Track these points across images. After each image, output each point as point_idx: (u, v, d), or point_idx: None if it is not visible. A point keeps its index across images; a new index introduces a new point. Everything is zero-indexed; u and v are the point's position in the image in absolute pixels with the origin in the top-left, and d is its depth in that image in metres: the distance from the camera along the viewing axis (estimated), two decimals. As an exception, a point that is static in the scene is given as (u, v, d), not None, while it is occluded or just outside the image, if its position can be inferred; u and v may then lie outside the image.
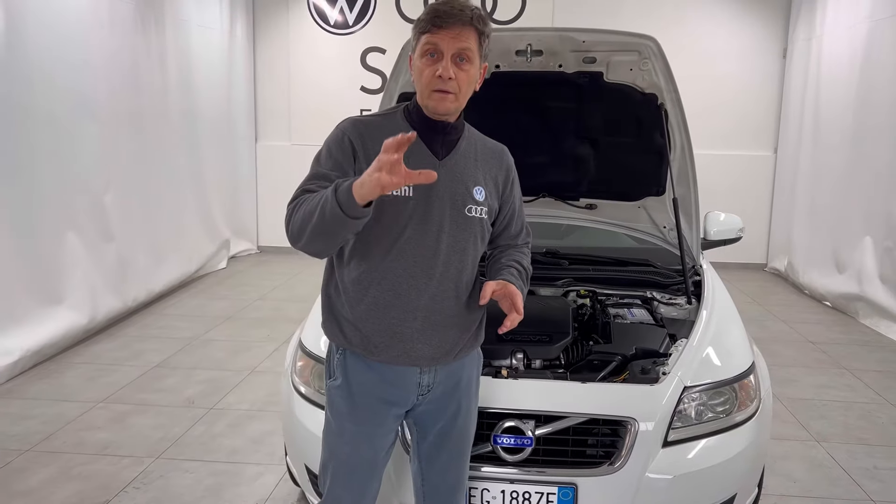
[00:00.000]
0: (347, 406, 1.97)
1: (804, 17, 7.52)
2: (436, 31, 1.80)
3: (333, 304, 1.98)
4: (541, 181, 3.47)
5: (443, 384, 2.01)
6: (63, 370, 4.70)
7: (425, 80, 1.83)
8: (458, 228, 1.91)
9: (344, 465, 2.01)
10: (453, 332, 1.97)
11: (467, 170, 1.95)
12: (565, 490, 2.25)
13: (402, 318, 1.90)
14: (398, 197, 1.83)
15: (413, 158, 1.80)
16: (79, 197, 5.21)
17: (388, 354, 1.92)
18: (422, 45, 1.83)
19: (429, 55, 1.82)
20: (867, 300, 6.07)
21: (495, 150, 2.08)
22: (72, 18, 5.11)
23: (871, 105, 6.13)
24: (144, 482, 3.31)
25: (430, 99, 1.84)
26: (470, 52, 1.82)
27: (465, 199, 1.92)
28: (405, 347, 1.91)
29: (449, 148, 1.94)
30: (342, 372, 1.97)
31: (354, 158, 1.86)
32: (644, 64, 2.98)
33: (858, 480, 3.40)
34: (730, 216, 3.68)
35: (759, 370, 2.64)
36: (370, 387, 1.96)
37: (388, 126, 1.88)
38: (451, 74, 1.80)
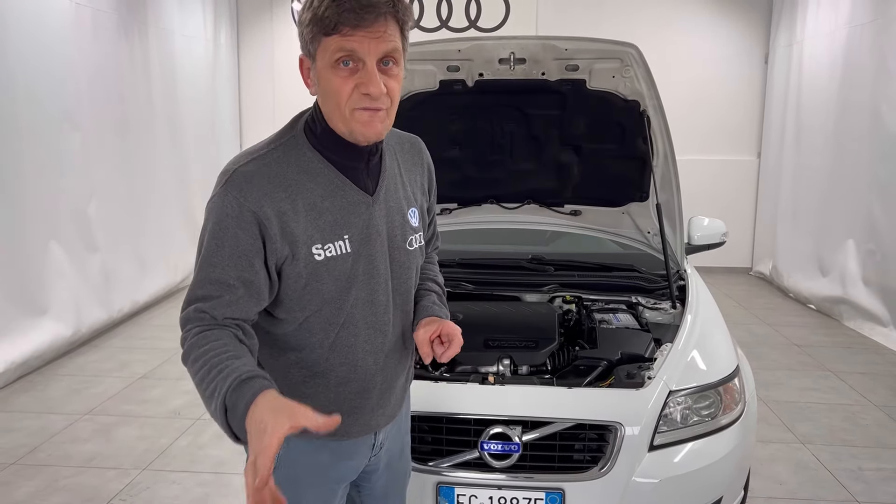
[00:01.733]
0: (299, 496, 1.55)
1: (785, 23, 7.60)
2: (349, 33, 1.31)
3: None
4: (525, 188, 3.49)
5: (389, 435, 1.76)
6: (48, 382, 4.67)
7: (343, 97, 1.36)
8: (402, 268, 1.59)
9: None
10: (402, 383, 1.72)
11: (399, 194, 1.58)
12: (553, 495, 2.26)
13: (361, 391, 1.58)
14: (335, 257, 1.45)
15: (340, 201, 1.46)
16: (62, 207, 5.18)
17: (348, 433, 1.60)
18: (330, 51, 1.34)
19: (342, 64, 1.35)
20: (851, 303, 6.12)
21: (413, 146, 1.71)
22: (55, 28, 5.09)
23: (851, 109, 6.20)
24: (131, 494, 3.29)
25: (354, 121, 1.38)
26: (397, 53, 1.38)
27: (405, 230, 1.58)
28: (365, 420, 1.62)
29: (376, 174, 1.53)
30: (286, 461, 1.52)
31: (263, 238, 1.39)
32: (626, 71, 3.01)
33: (843, 482, 3.43)
34: (713, 221, 3.71)
35: (744, 373, 2.66)
36: (321, 469, 1.62)
37: (294, 167, 1.44)
38: (382, 89, 1.35)
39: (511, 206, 3.57)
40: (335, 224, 1.46)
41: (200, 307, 1.39)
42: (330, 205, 1.45)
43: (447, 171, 3.42)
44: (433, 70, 3.10)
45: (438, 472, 2.30)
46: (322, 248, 1.44)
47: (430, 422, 2.35)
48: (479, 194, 3.54)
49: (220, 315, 1.39)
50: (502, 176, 3.46)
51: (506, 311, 3.00)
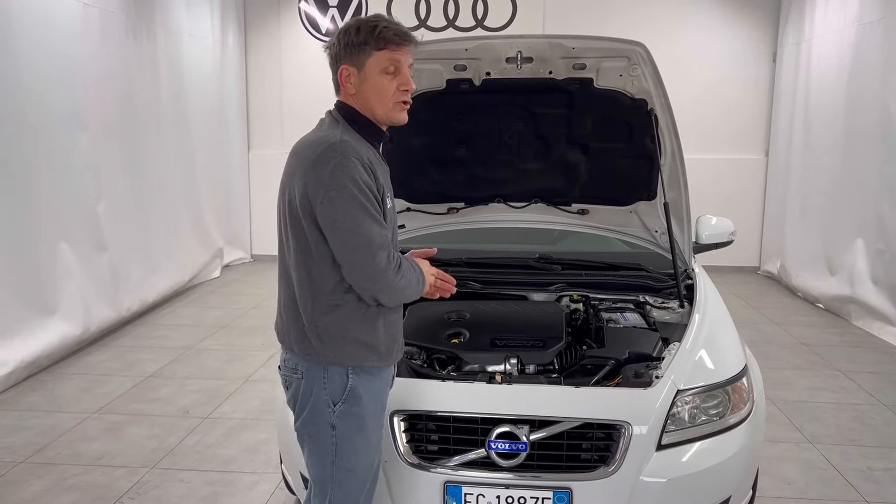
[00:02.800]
0: (365, 421, 2.03)
1: (793, 21, 7.57)
2: (397, 50, 1.94)
3: (332, 332, 1.96)
4: (532, 187, 3.49)
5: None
6: (57, 381, 4.69)
7: (389, 93, 1.96)
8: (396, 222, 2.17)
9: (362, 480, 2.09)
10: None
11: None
12: (560, 494, 2.25)
13: (396, 319, 2.09)
14: (391, 207, 2.02)
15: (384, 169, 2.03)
16: (71, 207, 5.21)
17: (390, 357, 2.08)
18: (382, 61, 1.93)
19: (387, 72, 1.94)
20: (859, 302, 6.10)
21: None
22: (63, 29, 5.11)
23: (860, 107, 6.17)
24: (139, 492, 3.30)
25: (396, 110, 1.99)
26: (412, 67, 2.01)
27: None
28: (398, 346, 2.11)
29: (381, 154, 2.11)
30: (357, 391, 2.00)
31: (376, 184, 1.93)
32: (633, 70, 3.00)
33: (853, 482, 3.42)
34: (721, 220, 3.70)
35: (752, 373, 2.66)
36: (379, 395, 2.09)
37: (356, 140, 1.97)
38: (413, 86, 2.00)
39: (518, 205, 3.56)
40: (386, 183, 2.02)
41: (385, 236, 1.89)
42: (381, 170, 1.99)
43: (454, 171, 3.44)
44: (440, 69, 3.10)
45: (446, 472, 2.30)
46: (388, 198, 2.00)
47: (438, 421, 2.36)
48: (486, 193, 3.54)
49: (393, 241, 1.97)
50: (509, 175, 3.45)
51: (513, 310, 3.00)
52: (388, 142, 3.23)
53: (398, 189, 3.29)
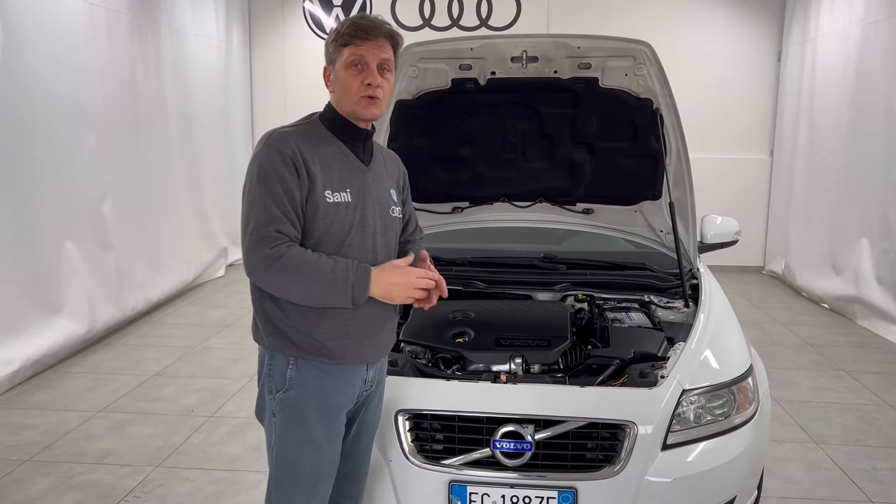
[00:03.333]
0: (305, 415, 1.98)
1: (798, 21, 7.55)
2: (360, 44, 1.92)
3: (273, 317, 1.97)
4: (537, 186, 3.49)
5: (377, 379, 2.16)
6: (62, 380, 4.70)
7: (354, 89, 1.93)
8: (386, 229, 2.07)
9: (309, 476, 2.01)
10: (390, 327, 2.15)
11: (383, 174, 2.12)
12: (565, 494, 2.25)
13: (353, 318, 1.98)
14: (340, 203, 1.94)
15: (345, 164, 1.99)
16: (77, 206, 5.22)
17: (344, 357, 1.99)
18: (346, 56, 1.93)
19: (354, 66, 1.93)
20: (864, 302, 6.08)
21: (393, 157, 2.25)
22: (68, 28, 5.12)
23: (865, 107, 6.15)
24: (144, 491, 3.31)
25: (359, 105, 1.95)
26: (390, 63, 1.97)
27: (388, 201, 2.09)
28: (357, 347, 2.01)
29: (370, 154, 2.07)
30: (297, 382, 1.98)
31: (299, 178, 1.89)
32: (639, 69, 3.00)
33: (858, 482, 3.41)
34: (726, 219, 3.69)
35: (758, 372, 2.65)
36: (325, 392, 2.00)
37: (315, 135, 1.98)
38: (379, 82, 1.93)
39: (523, 204, 3.56)
40: (341, 180, 1.96)
41: (278, 228, 1.85)
42: (338, 166, 1.97)
43: (459, 170, 3.44)
44: (445, 69, 3.10)
45: (451, 471, 2.30)
46: (332, 194, 1.93)
47: (443, 420, 2.35)
48: (491, 193, 3.54)
49: (292, 235, 1.87)
50: (514, 174, 3.45)
51: (518, 309, 3.00)
52: (393, 141, 3.26)
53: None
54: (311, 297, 1.89)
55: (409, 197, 2.28)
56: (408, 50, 2.98)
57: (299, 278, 1.84)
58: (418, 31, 8.15)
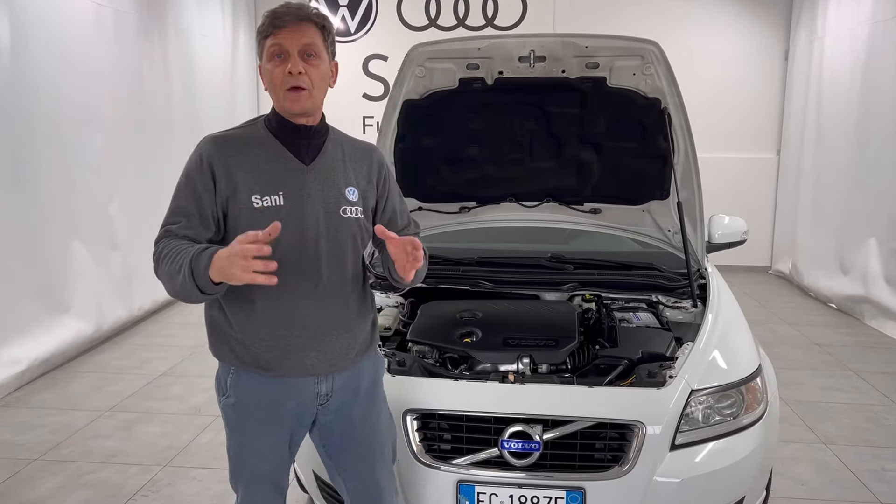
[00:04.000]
0: (245, 423, 1.97)
1: (806, 19, 7.53)
2: (277, 32, 1.81)
3: (218, 325, 1.97)
4: (545, 186, 3.48)
5: (343, 391, 2.01)
6: (70, 379, 4.72)
7: (278, 81, 1.83)
8: (335, 230, 1.92)
9: (254, 475, 2.02)
10: (345, 337, 1.97)
11: (336, 171, 1.95)
12: (573, 494, 2.25)
13: (291, 329, 1.89)
14: (269, 207, 1.84)
15: (278, 165, 1.88)
16: (84, 206, 5.23)
17: (280, 369, 1.91)
18: (267, 48, 1.83)
19: (276, 57, 1.82)
20: (873, 302, 6.06)
21: (364, 149, 2.07)
22: (75, 29, 5.14)
23: (873, 106, 6.13)
24: (152, 490, 3.32)
25: (286, 99, 1.84)
26: (315, 48, 1.84)
27: (339, 200, 1.93)
28: (297, 358, 1.91)
29: (315, 152, 1.93)
30: (235, 391, 1.96)
31: (214, 182, 1.85)
32: (647, 68, 2.99)
33: (867, 482, 3.40)
34: (734, 219, 3.69)
35: (766, 373, 2.64)
36: (266, 402, 1.95)
37: (249, 137, 1.91)
38: (300, 69, 1.80)
39: (530, 204, 3.56)
40: (273, 182, 1.86)
41: (168, 228, 1.86)
42: (270, 167, 1.88)
43: (466, 170, 3.43)
44: (453, 68, 3.10)
45: (459, 471, 2.30)
46: (260, 199, 1.84)
47: (450, 420, 2.36)
48: (498, 192, 3.53)
49: (180, 233, 1.84)
50: (522, 174, 3.45)
51: (525, 309, 3.00)
52: (401, 141, 3.26)
53: (410, 188, 3.33)
54: (176, 292, 1.77)
55: (390, 191, 2.10)
56: (415, 50, 2.98)
57: (165, 273, 1.78)
58: (424, 30, 8.15)
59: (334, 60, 1.95)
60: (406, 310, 3.15)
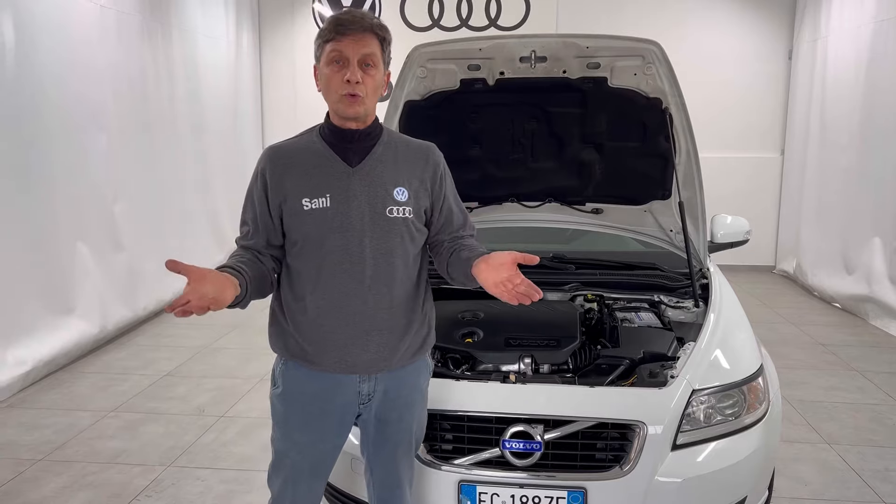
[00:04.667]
0: (290, 415, 2.05)
1: (809, 19, 7.51)
2: (340, 39, 1.86)
3: (276, 317, 2.07)
4: (546, 186, 3.48)
5: (385, 394, 2.05)
6: (74, 380, 4.74)
7: (335, 86, 1.89)
8: (382, 231, 1.96)
9: (291, 470, 2.08)
10: (391, 337, 2.01)
11: (385, 173, 1.99)
12: (575, 494, 2.25)
13: (336, 325, 1.96)
14: (317, 209, 1.93)
15: (326, 169, 1.97)
16: (89, 207, 5.25)
17: (324, 363, 1.98)
18: (327, 53, 1.89)
19: (335, 62, 1.88)
20: (877, 301, 6.04)
21: (420, 149, 2.10)
22: (80, 31, 5.16)
23: (877, 105, 6.11)
24: (156, 490, 3.33)
25: (341, 103, 1.91)
26: (374, 58, 1.90)
27: (385, 200, 1.97)
28: (340, 355, 1.97)
29: (363, 154, 1.99)
30: (283, 381, 2.05)
31: (266, 189, 1.98)
32: (648, 68, 2.99)
33: (870, 482, 3.39)
34: (736, 219, 3.68)
35: (768, 372, 2.64)
36: (311, 396, 2.02)
37: (302, 145, 2.02)
38: (358, 78, 1.87)
39: (532, 204, 3.56)
40: (320, 185, 1.95)
41: (238, 237, 2.04)
42: (317, 172, 1.97)
43: (468, 170, 3.43)
44: (454, 69, 3.10)
45: (460, 471, 2.31)
46: (309, 202, 1.94)
47: (452, 420, 2.36)
48: (500, 193, 3.53)
49: (242, 243, 2.02)
50: (523, 174, 3.45)
51: (527, 309, 2.97)
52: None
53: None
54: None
55: (446, 193, 2.12)
56: (417, 51, 2.98)
57: None
58: (427, 31, 8.16)
59: (388, 70, 2.01)
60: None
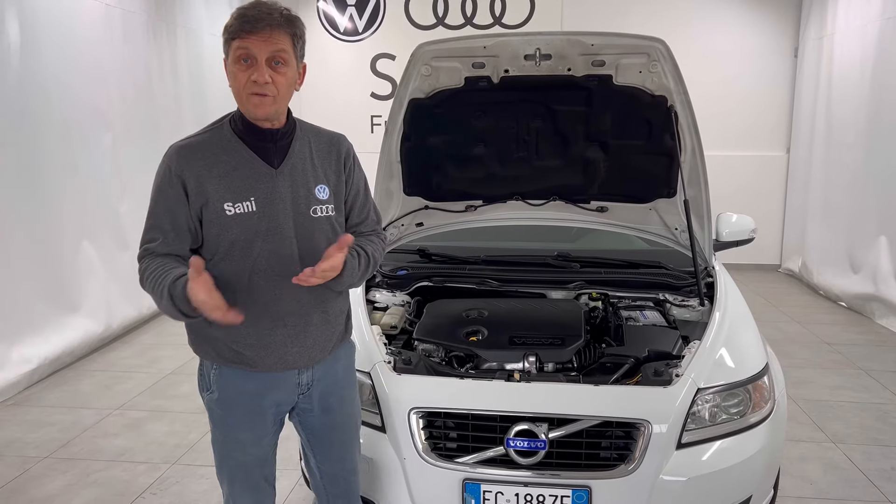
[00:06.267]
0: (230, 417, 2.03)
1: (815, 16, 7.49)
2: (246, 37, 1.78)
3: (197, 325, 1.97)
4: (551, 184, 3.47)
5: (322, 380, 2.08)
6: (80, 378, 4.75)
7: (241, 85, 1.82)
8: (308, 231, 1.94)
9: (239, 469, 2.08)
10: (324, 331, 2.03)
11: (306, 171, 1.96)
12: (579, 493, 2.25)
13: (272, 327, 1.94)
14: (241, 214, 1.86)
15: (248, 171, 1.88)
16: (94, 206, 5.27)
17: (264, 365, 1.97)
18: (234, 50, 1.81)
19: (242, 61, 1.80)
20: (883, 300, 6.02)
21: (331, 141, 2.06)
22: (85, 30, 5.17)
23: (884, 103, 6.08)
24: (161, 488, 3.34)
25: (249, 103, 1.83)
26: (284, 55, 1.82)
27: (309, 200, 1.94)
28: (279, 354, 1.97)
29: (283, 153, 1.94)
30: (219, 386, 2.01)
31: (186, 194, 1.86)
32: (653, 66, 2.98)
33: (876, 482, 3.38)
34: (742, 217, 3.67)
35: (773, 371, 2.63)
36: (249, 396, 2.01)
37: (216, 143, 1.90)
38: (266, 79, 1.79)
39: (537, 202, 3.55)
40: (243, 188, 1.87)
41: (147, 247, 1.89)
42: (239, 174, 1.87)
43: (472, 168, 3.43)
44: (458, 67, 3.09)
45: (465, 469, 2.30)
46: (232, 206, 1.86)
47: (456, 418, 2.36)
48: (504, 191, 3.53)
49: (160, 251, 1.88)
50: (528, 172, 3.44)
51: (531, 308, 2.99)
52: (407, 140, 3.26)
53: (416, 187, 3.34)
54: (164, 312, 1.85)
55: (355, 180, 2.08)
56: (421, 49, 2.98)
57: (150, 292, 1.84)
58: (432, 29, 8.15)
59: (303, 63, 1.93)
60: (412, 308, 3.15)
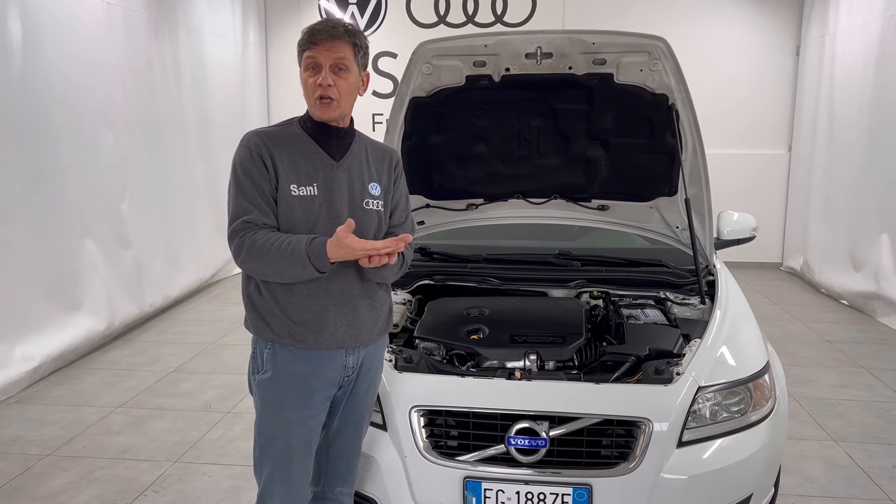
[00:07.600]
0: (281, 396, 2.13)
1: (817, 14, 7.47)
2: (313, 47, 2.06)
3: (256, 303, 2.13)
4: (552, 183, 3.48)
5: (363, 365, 2.22)
6: (82, 376, 4.76)
7: (310, 90, 2.08)
8: (360, 220, 2.10)
9: (283, 452, 2.16)
10: (370, 316, 2.19)
11: (362, 169, 2.19)
12: (580, 491, 2.25)
13: (326, 305, 2.09)
14: (306, 196, 2.08)
15: (313, 161, 2.12)
16: (96, 204, 5.27)
17: (315, 341, 2.10)
18: (304, 60, 2.09)
19: (311, 69, 2.08)
20: (884, 298, 6.02)
21: (385, 150, 2.31)
22: (87, 28, 5.17)
23: (886, 102, 6.08)
24: (163, 486, 3.35)
25: (317, 107, 2.09)
26: (346, 62, 2.07)
27: (363, 194, 2.16)
28: (332, 331, 2.11)
29: (343, 150, 2.17)
30: (272, 365, 2.13)
31: (267, 169, 2.07)
32: (654, 65, 2.98)
33: (877, 480, 3.38)
34: (743, 215, 3.67)
35: (774, 370, 2.63)
36: (300, 376, 2.13)
37: (286, 134, 2.14)
38: (329, 82, 2.05)
39: (538, 201, 3.55)
40: (308, 175, 2.10)
41: (246, 219, 2.04)
42: (305, 162, 2.11)
43: (474, 167, 3.44)
44: (459, 65, 3.09)
45: (465, 467, 2.31)
46: (297, 188, 2.08)
47: (457, 417, 2.36)
48: (505, 189, 3.53)
49: (260, 222, 2.05)
50: (529, 171, 3.44)
51: (533, 306, 3.00)
52: (408, 138, 3.27)
53: (417, 185, 3.34)
54: (283, 275, 2.02)
55: (400, 189, 2.31)
56: (422, 47, 2.98)
57: (266, 260, 1.99)
58: (433, 27, 8.15)
59: (365, 71, 2.17)
60: (413, 307, 3.15)
